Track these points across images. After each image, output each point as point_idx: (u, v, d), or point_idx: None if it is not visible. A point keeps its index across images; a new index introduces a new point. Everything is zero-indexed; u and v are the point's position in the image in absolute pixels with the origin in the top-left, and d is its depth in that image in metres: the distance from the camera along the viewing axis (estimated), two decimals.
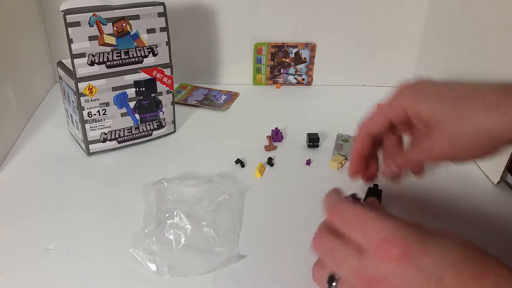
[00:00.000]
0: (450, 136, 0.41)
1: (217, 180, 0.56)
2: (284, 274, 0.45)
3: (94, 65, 0.57)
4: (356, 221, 0.35)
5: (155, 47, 0.61)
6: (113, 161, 0.62)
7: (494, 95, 0.39)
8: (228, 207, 0.52)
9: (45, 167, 0.60)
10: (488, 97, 0.40)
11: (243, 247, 0.48)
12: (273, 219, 0.52)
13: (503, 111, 0.39)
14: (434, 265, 0.31)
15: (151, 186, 0.55)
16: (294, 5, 0.80)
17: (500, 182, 0.59)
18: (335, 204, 0.37)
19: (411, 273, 0.31)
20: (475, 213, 0.54)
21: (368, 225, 0.34)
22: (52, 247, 0.47)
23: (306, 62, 0.85)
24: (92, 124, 0.61)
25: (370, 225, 0.34)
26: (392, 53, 0.85)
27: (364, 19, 0.82)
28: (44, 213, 0.52)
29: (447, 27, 0.74)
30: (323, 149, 0.66)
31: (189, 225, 0.49)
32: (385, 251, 0.32)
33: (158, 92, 0.64)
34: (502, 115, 0.38)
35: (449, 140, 0.41)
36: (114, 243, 0.48)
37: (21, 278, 0.44)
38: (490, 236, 0.51)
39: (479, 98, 0.40)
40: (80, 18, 0.54)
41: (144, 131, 0.65)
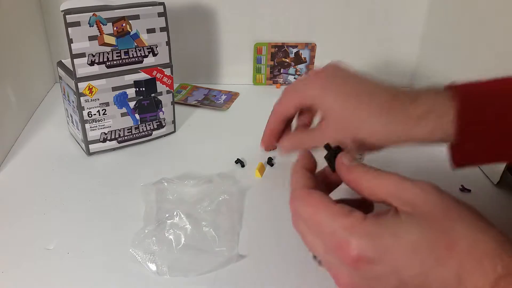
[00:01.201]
0: (337, 132, 0.44)
1: (217, 180, 0.56)
2: (284, 274, 0.45)
3: (94, 65, 0.57)
4: (310, 224, 0.34)
5: (155, 47, 0.61)
6: (113, 161, 0.62)
7: (380, 103, 0.42)
8: (228, 207, 0.52)
9: (45, 167, 0.60)
10: (374, 104, 0.42)
11: (243, 247, 0.48)
12: (273, 219, 0.52)
13: (383, 121, 0.41)
14: (392, 263, 0.30)
15: (151, 186, 0.55)
16: (294, 5, 0.80)
17: (500, 182, 0.59)
18: (292, 192, 0.36)
19: (370, 274, 0.31)
20: None
21: (322, 229, 0.33)
22: (52, 247, 0.47)
23: (306, 62, 0.85)
24: (92, 124, 0.60)
25: (323, 229, 0.33)
26: (392, 53, 0.85)
27: (364, 19, 0.81)
28: (44, 213, 0.52)
29: (447, 27, 0.74)
30: (323, 149, 0.66)
31: (189, 225, 0.48)
32: (341, 255, 0.31)
33: (158, 92, 0.64)
34: (382, 125, 0.41)
35: (339, 135, 0.44)
36: (114, 243, 0.48)
37: (21, 278, 0.44)
38: None
39: (367, 102, 0.42)
40: (80, 18, 0.54)
41: (144, 131, 0.65)
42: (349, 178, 0.36)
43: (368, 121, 0.42)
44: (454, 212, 0.31)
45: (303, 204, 0.34)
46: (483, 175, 0.61)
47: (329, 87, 0.45)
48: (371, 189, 0.34)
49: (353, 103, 0.43)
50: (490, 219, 0.53)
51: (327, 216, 0.32)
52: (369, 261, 0.30)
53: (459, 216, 0.30)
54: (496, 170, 0.58)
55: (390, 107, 0.41)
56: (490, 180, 0.60)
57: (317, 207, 0.33)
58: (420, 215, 0.31)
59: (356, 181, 0.35)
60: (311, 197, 0.34)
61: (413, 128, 0.41)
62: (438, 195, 0.32)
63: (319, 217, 0.33)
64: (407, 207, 0.31)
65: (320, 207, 0.33)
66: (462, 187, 0.58)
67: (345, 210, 0.32)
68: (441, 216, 0.30)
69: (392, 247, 0.30)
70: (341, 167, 0.37)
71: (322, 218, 0.33)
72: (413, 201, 0.32)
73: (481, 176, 0.61)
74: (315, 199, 0.34)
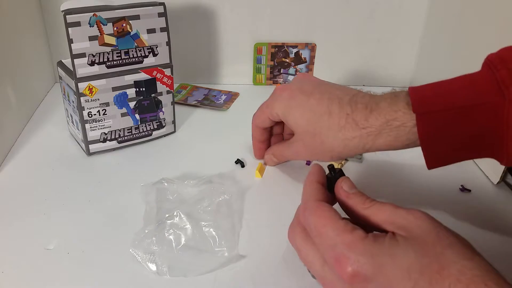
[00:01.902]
0: (306, 146, 0.49)
1: (217, 180, 0.56)
2: (284, 274, 0.45)
3: (94, 65, 0.57)
4: (315, 234, 0.36)
5: (155, 47, 0.61)
6: (113, 161, 0.62)
7: (339, 120, 0.45)
8: (228, 207, 0.52)
9: (45, 167, 0.60)
10: (333, 121, 0.45)
11: (243, 247, 0.48)
12: (273, 219, 0.52)
13: (342, 138, 0.44)
14: (387, 282, 0.32)
15: (151, 186, 0.55)
16: (294, 5, 0.80)
17: (500, 182, 0.59)
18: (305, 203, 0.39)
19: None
20: (475, 213, 0.54)
21: (324, 241, 0.35)
22: (52, 247, 0.47)
23: (306, 62, 0.85)
24: (92, 124, 0.61)
25: (325, 241, 0.35)
26: (392, 53, 0.85)
27: (364, 19, 0.82)
28: (44, 213, 0.52)
29: (447, 27, 0.74)
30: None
31: (189, 225, 0.49)
32: (338, 269, 0.33)
33: (158, 92, 0.64)
34: (342, 141, 0.44)
35: (306, 150, 0.50)
36: (114, 243, 0.48)
37: (21, 278, 0.44)
38: (490, 236, 0.51)
39: (326, 118, 0.45)
40: (80, 18, 0.54)
41: (144, 131, 0.65)
42: (346, 203, 0.38)
43: (329, 138, 0.45)
44: (445, 239, 0.32)
45: (314, 215, 0.36)
46: (483, 175, 0.61)
47: (293, 105, 0.49)
48: (366, 217, 0.36)
49: (314, 123, 0.47)
50: (490, 219, 0.53)
51: (332, 230, 0.34)
52: (365, 278, 0.32)
53: (449, 244, 0.32)
54: (496, 170, 0.58)
55: (348, 122, 0.44)
56: (490, 180, 0.60)
57: (326, 220, 0.35)
58: (414, 239, 0.32)
59: (352, 208, 0.38)
60: (322, 210, 0.36)
61: (375, 139, 0.43)
62: (430, 222, 0.33)
63: (325, 230, 0.35)
64: (402, 232, 0.33)
65: (328, 221, 0.35)
66: (462, 187, 0.58)
67: (349, 227, 0.34)
68: (434, 242, 0.32)
69: (388, 267, 0.32)
70: (340, 191, 0.39)
71: (328, 231, 0.35)
72: (408, 227, 0.33)
73: (481, 176, 0.61)
74: (325, 212, 0.36)
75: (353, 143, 0.44)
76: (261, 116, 0.55)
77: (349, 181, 0.40)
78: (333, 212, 0.36)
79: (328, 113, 0.45)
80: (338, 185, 0.40)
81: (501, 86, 0.37)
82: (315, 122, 0.47)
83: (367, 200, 0.37)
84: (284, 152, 0.55)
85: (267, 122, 0.55)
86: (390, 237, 0.33)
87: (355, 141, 0.44)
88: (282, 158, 0.57)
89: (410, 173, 0.61)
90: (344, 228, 0.34)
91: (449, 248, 0.31)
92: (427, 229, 0.33)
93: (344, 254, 0.33)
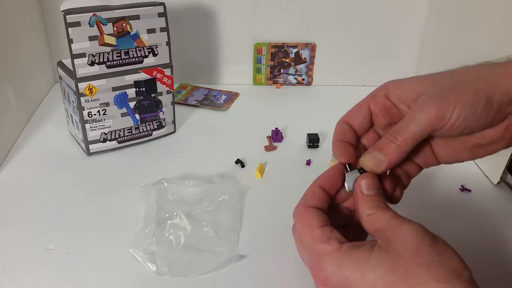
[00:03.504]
0: (442, 93, 0.36)
1: (217, 180, 0.56)
2: (284, 274, 0.45)
3: (94, 65, 0.57)
4: (298, 243, 0.39)
5: (155, 47, 0.61)
6: (113, 161, 0.62)
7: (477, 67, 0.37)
8: (228, 207, 0.52)
9: (45, 167, 0.60)
10: (470, 68, 0.37)
11: (243, 247, 0.48)
12: (273, 219, 0.52)
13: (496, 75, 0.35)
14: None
15: (151, 186, 0.55)
16: (294, 5, 0.80)
17: (500, 182, 0.59)
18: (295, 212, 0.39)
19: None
20: (475, 213, 0.54)
21: (304, 247, 0.37)
22: (52, 247, 0.47)
23: (306, 62, 0.85)
24: (92, 124, 0.61)
25: (305, 248, 0.37)
26: (392, 53, 0.85)
27: (364, 19, 0.82)
28: (44, 213, 0.52)
29: (447, 27, 0.74)
30: (323, 149, 0.66)
31: (189, 225, 0.49)
32: (313, 274, 0.36)
33: (158, 92, 0.64)
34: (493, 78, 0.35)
35: (442, 98, 0.35)
36: (114, 243, 0.48)
37: (21, 278, 0.44)
38: (490, 236, 0.51)
39: (455, 72, 0.38)
40: (80, 18, 0.54)
41: (144, 131, 0.65)
42: (357, 205, 0.37)
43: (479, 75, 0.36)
44: (423, 256, 0.31)
45: (298, 221, 0.38)
46: (483, 175, 0.61)
47: (400, 81, 0.40)
48: (366, 224, 0.36)
49: (443, 81, 0.37)
50: (490, 219, 0.53)
51: (309, 239, 0.36)
52: (333, 286, 0.34)
53: (426, 262, 0.31)
54: (496, 170, 0.58)
55: (486, 69, 0.36)
56: (490, 180, 0.60)
57: (306, 228, 0.37)
58: (389, 253, 0.32)
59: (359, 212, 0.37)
60: (305, 217, 0.37)
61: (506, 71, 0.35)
62: (415, 236, 0.32)
63: (305, 238, 0.37)
64: (383, 243, 0.33)
65: (308, 229, 0.36)
66: (462, 187, 0.58)
67: (325, 236, 0.35)
68: (408, 258, 0.31)
69: (353, 280, 0.32)
70: (357, 190, 0.38)
71: (306, 239, 0.36)
72: (390, 239, 0.33)
73: (481, 176, 0.61)
74: (307, 219, 0.37)
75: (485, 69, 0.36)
76: (356, 108, 0.41)
77: (371, 179, 0.37)
78: (316, 219, 0.36)
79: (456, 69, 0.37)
80: (357, 182, 0.38)
81: None
82: (443, 77, 0.37)
83: (375, 206, 0.36)
84: (409, 128, 0.36)
85: (360, 115, 0.41)
86: (365, 249, 0.33)
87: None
88: (407, 137, 0.36)
89: None
90: (320, 238, 0.35)
91: (423, 266, 0.30)
92: (407, 244, 0.32)
93: (316, 263, 0.35)
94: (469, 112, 0.34)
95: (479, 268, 0.33)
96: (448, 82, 0.37)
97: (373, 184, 0.37)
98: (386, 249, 0.32)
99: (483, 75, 0.36)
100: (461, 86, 0.35)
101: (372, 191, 0.37)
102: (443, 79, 0.37)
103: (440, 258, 0.31)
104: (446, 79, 0.37)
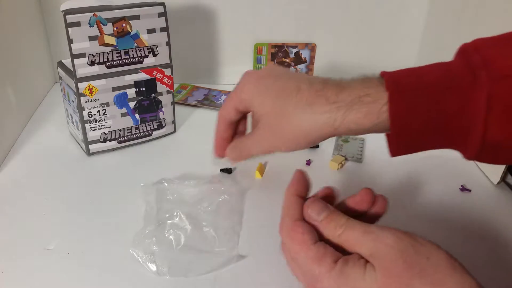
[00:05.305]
0: (271, 130, 0.43)
1: (217, 180, 0.56)
2: (284, 274, 0.45)
3: (94, 65, 0.57)
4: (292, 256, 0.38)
5: (155, 47, 0.61)
6: (113, 161, 0.62)
7: (307, 96, 0.41)
8: (228, 207, 0.52)
9: (45, 167, 0.60)
10: (302, 97, 0.41)
11: (243, 247, 0.48)
12: (273, 219, 0.52)
13: (310, 112, 0.40)
14: None
15: (151, 186, 0.55)
16: (294, 5, 0.80)
17: (500, 182, 0.59)
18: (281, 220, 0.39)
19: None
20: (475, 213, 0.54)
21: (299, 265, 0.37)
22: (52, 247, 0.47)
23: (306, 62, 0.85)
24: (92, 124, 0.61)
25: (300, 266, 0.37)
26: (392, 53, 0.85)
27: (364, 19, 0.82)
28: (44, 213, 0.52)
29: (448, 27, 0.74)
30: (323, 149, 0.66)
31: (189, 225, 0.49)
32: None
33: (158, 92, 0.64)
34: (313, 115, 0.40)
35: (270, 135, 0.44)
36: (114, 243, 0.48)
37: (21, 278, 0.44)
38: (490, 236, 0.51)
39: (295, 94, 0.42)
40: (80, 18, 0.54)
41: (144, 131, 0.65)
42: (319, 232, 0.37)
43: (297, 115, 0.41)
44: (414, 267, 0.31)
45: (288, 237, 0.37)
46: (483, 175, 0.61)
47: (260, 88, 0.45)
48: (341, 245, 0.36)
49: (281, 101, 0.42)
50: (490, 219, 0.53)
51: (304, 258, 0.35)
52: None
53: (418, 272, 0.31)
54: (496, 170, 0.58)
55: (318, 97, 0.41)
56: (490, 180, 0.60)
57: (298, 245, 0.36)
58: (381, 270, 0.32)
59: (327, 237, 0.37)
60: (295, 232, 0.37)
61: (346, 115, 0.39)
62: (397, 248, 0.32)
63: (298, 256, 0.36)
64: (372, 259, 0.33)
65: (300, 247, 0.36)
66: (462, 187, 0.58)
67: (320, 254, 0.35)
68: (400, 272, 0.31)
69: None
70: (310, 221, 0.38)
71: (300, 258, 0.36)
72: (376, 255, 0.33)
73: (481, 176, 0.61)
74: (298, 235, 0.36)
75: (322, 119, 0.40)
76: (228, 106, 0.48)
77: (317, 203, 0.38)
78: (307, 234, 0.36)
79: (296, 90, 0.42)
80: (306, 213, 0.38)
81: (475, 71, 0.37)
82: (282, 100, 0.42)
83: (338, 225, 0.36)
84: (246, 142, 0.47)
85: (233, 114, 0.48)
86: (360, 266, 0.33)
87: (324, 116, 0.40)
88: (244, 150, 0.48)
89: (410, 173, 0.61)
90: (315, 256, 0.35)
91: (417, 277, 0.31)
92: (394, 258, 0.32)
93: (312, 284, 0.35)
94: (292, 148, 0.44)
95: (479, 268, 0.33)
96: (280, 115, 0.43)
97: (321, 206, 0.38)
98: (376, 267, 0.32)
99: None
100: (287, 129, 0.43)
101: (324, 213, 0.37)
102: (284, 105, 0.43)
103: (430, 262, 0.31)
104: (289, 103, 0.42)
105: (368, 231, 0.34)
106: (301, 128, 0.41)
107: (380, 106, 0.38)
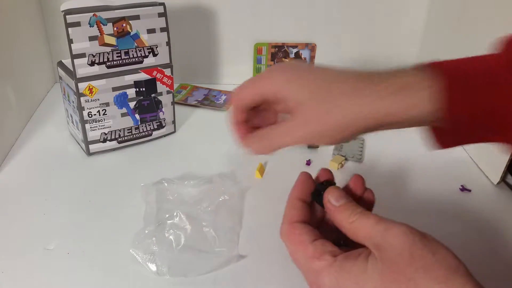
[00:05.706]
0: (307, 120, 0.40)
1: (217, 180, 0.56)
2: (284, 274, 0.45)
3: (94, 65, 0.57)
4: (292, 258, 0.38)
5: (155, 47, 0.61)
6: (113, 161, 0.62)
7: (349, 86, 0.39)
8: (228, 207, 0.52)
9: (45, 167, 0.60)
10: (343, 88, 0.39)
11: (243, 247, 0.48)
12: (273, 219, 0.52)
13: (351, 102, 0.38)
14: None
15: (151, 186, 0.55)
16: (294, 5, 0.80)
17: (500, 182, 0.59)
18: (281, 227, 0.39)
19: None
20: (475, 213, 0.54)
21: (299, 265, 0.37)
22: (52, 247, 0.47)
23: (306, 62, 0.85)
24: (92, 124, 0.61)
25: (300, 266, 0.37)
26: (392, 53, 0.85)
27: (364, 19, 0.82)
28: (44, 213, 0.52)
29: (448, 27, 0.74)
30: (323, 149, 0.66)
31: (189, 225, 0.48)
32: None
33: (158, 92, 0.64)
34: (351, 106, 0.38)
35: (305, 125, 0.40)
36: (114, 243, 0.48)
37: (21, 278, 0.44)
38: (490, 236, 0.51)
39: (336, 88, 0.39)
40: (80, 18, 0.54)
41: (144, 131, 0.65)
42: (334, 218, 0.37)
43: (342, 103, 0.39)
44: (419, 260, 0.31)
45: (287, 239, 0.38)
46: (483, 175, 0.61)
47: (294, 79, 0.41)
48: (352, 232, 0.36)
49: (322, 92, 0.40)
50: (490, 219, 0.53)
51: (302, 257, 0.36)
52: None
53: (423, 266, 0.31)
54: (496, 170, 0.58)
55: (359, 87, 0.38)
56: (490, 180, 0.60)
57: (296, 246, 0.37)
58: (385, 262, 0.32)
59: (340, 223, 0.37)
60: (293, 234, 0.37)
61: (387, 105, 0.37)
62: (406, 241, 0.32)
63: (297, 256, 0.37)
64: (377, 251, 0.33)
65: (299, 247, 0.36)
66: (462, 187, 0.58)
67: (318, 252, 0.35)
68: (405, 266, 0.31)
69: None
70: (328, 205, 0.38)
71: (299, 258, 0.36)
72: (382, 246, 0.33)
73: (481, 176, 0.61)
74: (295, 237, 0.37)
75: (363, 109, 0.38)
76: (250, 90, 0.43)
77: (337, 191, 0.38)
78: (304, 234, 0.36)
79: (337, 84, 0.39)
80: (326, 198, 0.38)
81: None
82: (322, 94, 0.39)
83: (353, 213, 0.36)
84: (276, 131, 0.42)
85: (256, 98, 0.43)
86: (362, 260, 0.33)
87: (366, 107, 0.38)
88: (275, 140, 0.42)
89: (410, 173, 0.61)
90: (313, 254, 0.35)
91: (421, 271, 0.30)
92: (400, 250, 0.32)
93: (314, 281, 0.35)
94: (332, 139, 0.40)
95: (479, 268, 0.33)
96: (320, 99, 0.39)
97: (340, 194, 0.38)
98: (380, 259, 0.32)
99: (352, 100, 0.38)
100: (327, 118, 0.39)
101: (342, 201, 0.37)
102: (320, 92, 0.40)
103: (435, 258, 0.31)
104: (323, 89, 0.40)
105: (380, 222, 0.34)
106: (345, 117, 0.38)
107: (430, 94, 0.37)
